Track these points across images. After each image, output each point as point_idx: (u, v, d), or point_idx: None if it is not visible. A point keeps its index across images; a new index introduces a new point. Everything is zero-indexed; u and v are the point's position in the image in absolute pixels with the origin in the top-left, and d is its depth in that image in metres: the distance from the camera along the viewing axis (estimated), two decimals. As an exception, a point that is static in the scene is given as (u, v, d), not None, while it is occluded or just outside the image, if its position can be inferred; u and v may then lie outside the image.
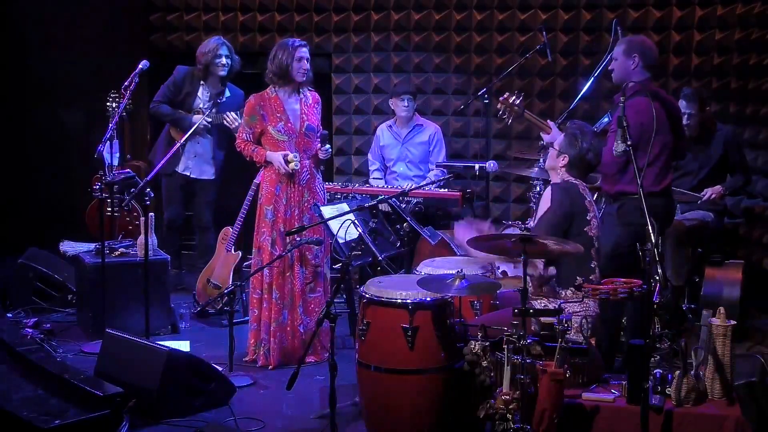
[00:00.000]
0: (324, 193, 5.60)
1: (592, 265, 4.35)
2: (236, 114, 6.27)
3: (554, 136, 4.82)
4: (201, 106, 6.59)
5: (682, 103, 5.88)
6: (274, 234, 5.36)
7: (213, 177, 6.72)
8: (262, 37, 7.83)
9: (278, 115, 5.37)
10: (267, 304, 5.36)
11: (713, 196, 5.87)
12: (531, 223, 4.45)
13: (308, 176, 5.42)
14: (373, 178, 7.04)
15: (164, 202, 6.88)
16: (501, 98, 5.17)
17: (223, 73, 6.54)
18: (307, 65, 5.35)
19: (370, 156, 7.13)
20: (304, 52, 5.35)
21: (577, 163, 4.41)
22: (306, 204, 5.38)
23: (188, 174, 6.69)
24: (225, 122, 6.31)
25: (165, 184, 6.81)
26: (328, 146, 5.46)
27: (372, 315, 4.19)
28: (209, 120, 6.41)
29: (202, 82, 6.62)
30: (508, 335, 3.82)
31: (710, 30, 6.76)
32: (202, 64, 6.54)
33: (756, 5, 6.46)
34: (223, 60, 6.52)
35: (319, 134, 5.42)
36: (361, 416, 4.41)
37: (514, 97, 5.11)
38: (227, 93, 6.57)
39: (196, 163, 6.67)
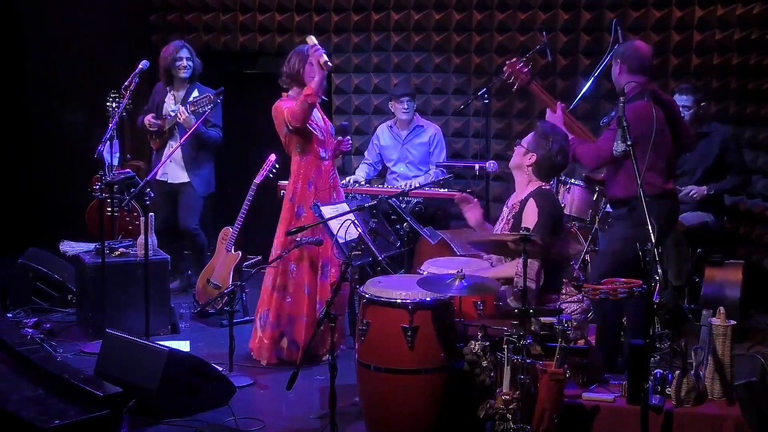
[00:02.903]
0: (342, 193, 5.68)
1: (572, 263, 4.37)
2: (185, 108, 6.23)
3: (559, 118, 4.82)
4: (170, 110, 6.57)
5: (677, 96, 5.89)
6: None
7: (188, 180, 6.60)
8: (262, 37, 7.83)
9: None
10: (293, 298, 5.38)
11: (695, 194, 5.86)
12: (498, 230, 4.44)
13: (334, 176, 5.53)
14: (356, 169, 7.00)
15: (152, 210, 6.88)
16: (508, 62, 5.13)
17: (185, 75, 6.52)
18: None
19: (366, 153, 7.13)
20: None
21: (544, 164, 4.41)
22: (334, 202, 5.40)
23: (166, 180, 6.65)
24: (177, 119, 6.26)
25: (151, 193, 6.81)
26: (348, 137, 5.56)
27: (372, 315, 4.20)
28: (155, 120, 6.45)
29: (168, 88, 6.61)
30: (508, 335, 3.82)
31: (710, 30, 6.76)
32: (163, 68, 6.52)
33: (756, 5, 6.47)
34: (184, 62, 6.50)
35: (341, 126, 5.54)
36: (361, 416, 4.42)
37: (522, 64, 5.07)
38: (195, 93, 6.54)
39: (171, 168, 6.60)
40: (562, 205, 5.26)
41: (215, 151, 6.67)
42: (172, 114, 6.47)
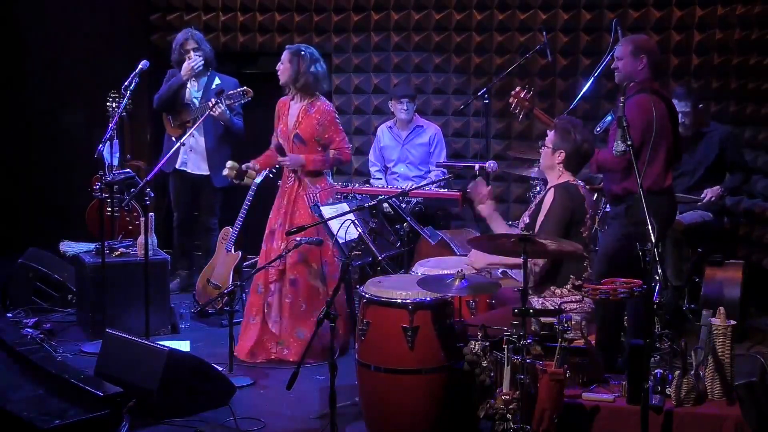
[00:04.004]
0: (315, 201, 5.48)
1: (585, 264, 4.36)
2: (220, 102, 6.21)
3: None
4: (192, 97, 6.56)
5: (674, 103, 5.88)
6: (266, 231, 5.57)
7: (209, 173, 6.61)
8: (262, 37, 7.83)
9: (283, 118, 5.53)
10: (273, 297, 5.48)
11: (713, 198, 5.87)
12: (526, 219, 4.44)
13: (292, 184, 5.50)
14: (374, 179, 7.05)
15: (173, 204, 6.86)
16: (513, 92, 5.18)
17: (199, 68, 6.52)
18: (279, 66, 5.49)
19: (371, 157, 7.13)
20: (282, 55, 5.51)
21: (573, 156, 4.40)
22: (283, 210, 5.50)
23: (185, 170, 6.66)
24: (210, 111, 6.24)
25: (171, 185, 6.80)
26: (284, 159, 5.46)
27: (372, 315, 4.19)
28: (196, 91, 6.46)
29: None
30: (508, 335, 3.82)
31: (710, 30, 6.76)
32: (176, 62, 6.53)
33: (756, 5, 6.47)
34: (191, 54, 6.48)
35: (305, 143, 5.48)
36: (361, 416, 4.42)
37: (525, 92, 5.12)
38: (216, 81, 6.52)
39: (192, 158, 6.63)
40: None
41: (235, 140, 6.66)
42: (196, 102, 6.47)
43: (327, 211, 5.04)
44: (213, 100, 6.10)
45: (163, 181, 6.86)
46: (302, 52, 5.46)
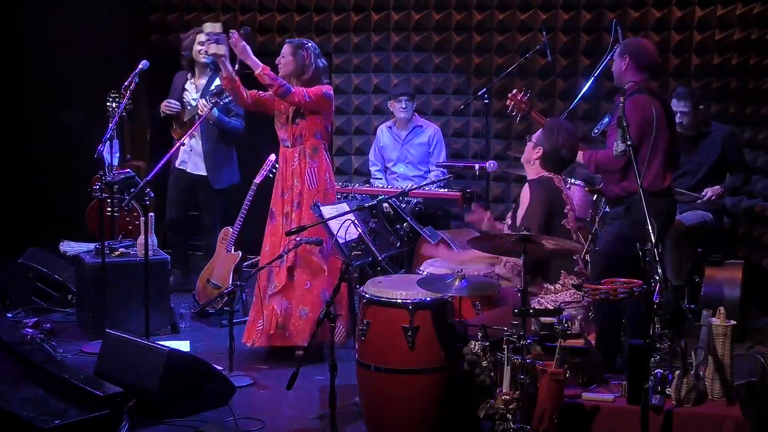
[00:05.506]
0: (316, 179, 5.46)
1: (575, 257, 4.37)
2: (206, 100, 6.20)
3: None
4: (190, 99, 6.56)
5: (674, 102, 5.88)
6: (272, 210, 5.53)
7: (205, 174, 6.59)
8: (262, 37, 7.83)
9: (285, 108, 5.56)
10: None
11: (713, 196, 5.88)
12: (508, 221, 4.47)
13: (297, 162, 5.45)
14: (374, 179, 7.05)
15: (167, 202, 6.86)
16: (509, 95, 5.21)
17: (206, 60, 6.47)
18: (280, 60, 5.50)
19: (371, 157, 7.13)
20: (283, 49, 5.53)
21: (550, 157, 4.46)
22: (296, 189, 5.42)
23: (184, 168, 6.66)
24: (200, 112, 6.18)
25: (169, 182, 6.78)
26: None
27: (372, 315, 4.19)
28: (174, 104, 6.44)
29: (189, 76, 6.60)
30: (508, 335, 3.82)
31: (710, 30, 6.76)
32: (186, 55, 6.53)
33: (756, 5, 6.47)
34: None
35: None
36: (361, 416, 4.42)
37: (522, 94, 5.15)
38: (217, 81, 6.51)
39: (191, 158, 6.63)
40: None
41: (237, 141, 6.63)
42: (193, 104, 6.47)
43: (327, 211, 5.04)
44: (201, 101, 6.13)
45: (163, 180, 6.85)
46: (306, 45, 5.50)
